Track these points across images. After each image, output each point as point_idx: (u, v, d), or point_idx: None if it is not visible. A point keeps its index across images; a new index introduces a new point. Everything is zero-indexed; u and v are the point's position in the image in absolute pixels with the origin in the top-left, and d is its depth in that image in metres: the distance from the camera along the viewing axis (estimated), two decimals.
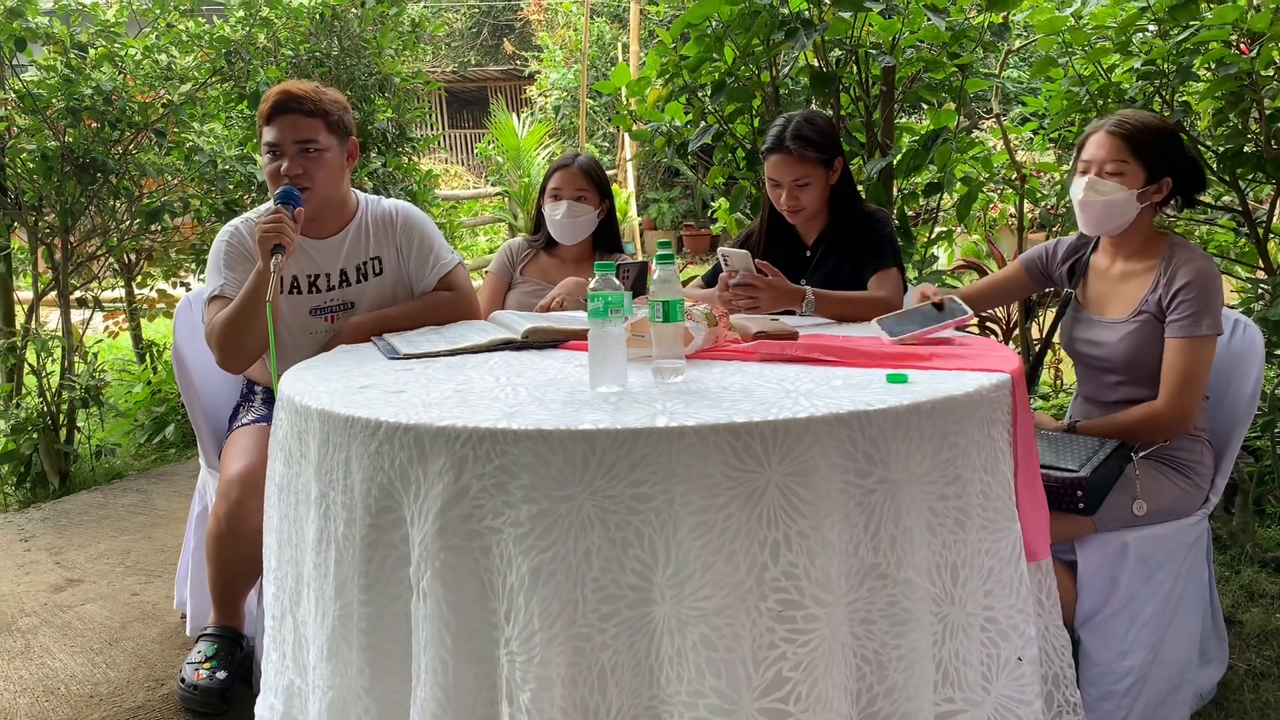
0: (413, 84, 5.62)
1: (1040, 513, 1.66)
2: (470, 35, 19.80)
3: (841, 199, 2.67)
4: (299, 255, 2.43)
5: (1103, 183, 2.15)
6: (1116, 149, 2.14)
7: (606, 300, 1.58)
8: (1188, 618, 2.11)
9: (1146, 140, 2.13)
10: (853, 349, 1.86)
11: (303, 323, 2.44)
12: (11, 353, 4.10)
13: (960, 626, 1.48)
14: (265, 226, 2.18)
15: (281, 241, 2.17)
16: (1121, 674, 2.03)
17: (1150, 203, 2.17)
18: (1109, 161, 2.14)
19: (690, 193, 13.17)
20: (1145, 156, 2.13)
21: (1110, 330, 2.22)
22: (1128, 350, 2.18)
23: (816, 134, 2.58)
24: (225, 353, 2.29)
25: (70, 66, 3.89)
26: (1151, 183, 2.14)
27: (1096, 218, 2.18)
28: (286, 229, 2.19)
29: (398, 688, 1.49)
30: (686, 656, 1.32)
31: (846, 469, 1.38)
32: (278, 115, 2.34)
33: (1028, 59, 10.05)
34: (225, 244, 2.40)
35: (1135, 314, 2.17)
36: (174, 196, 4.39)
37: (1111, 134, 2.15)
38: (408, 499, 1.43)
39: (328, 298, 2.46)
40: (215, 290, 2.35)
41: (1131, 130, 2.13)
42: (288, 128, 2.33)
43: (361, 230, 2.50)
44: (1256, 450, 3.15)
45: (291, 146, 2.33)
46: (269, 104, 2.35)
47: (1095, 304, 2.31)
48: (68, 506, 3.92)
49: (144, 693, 2.43)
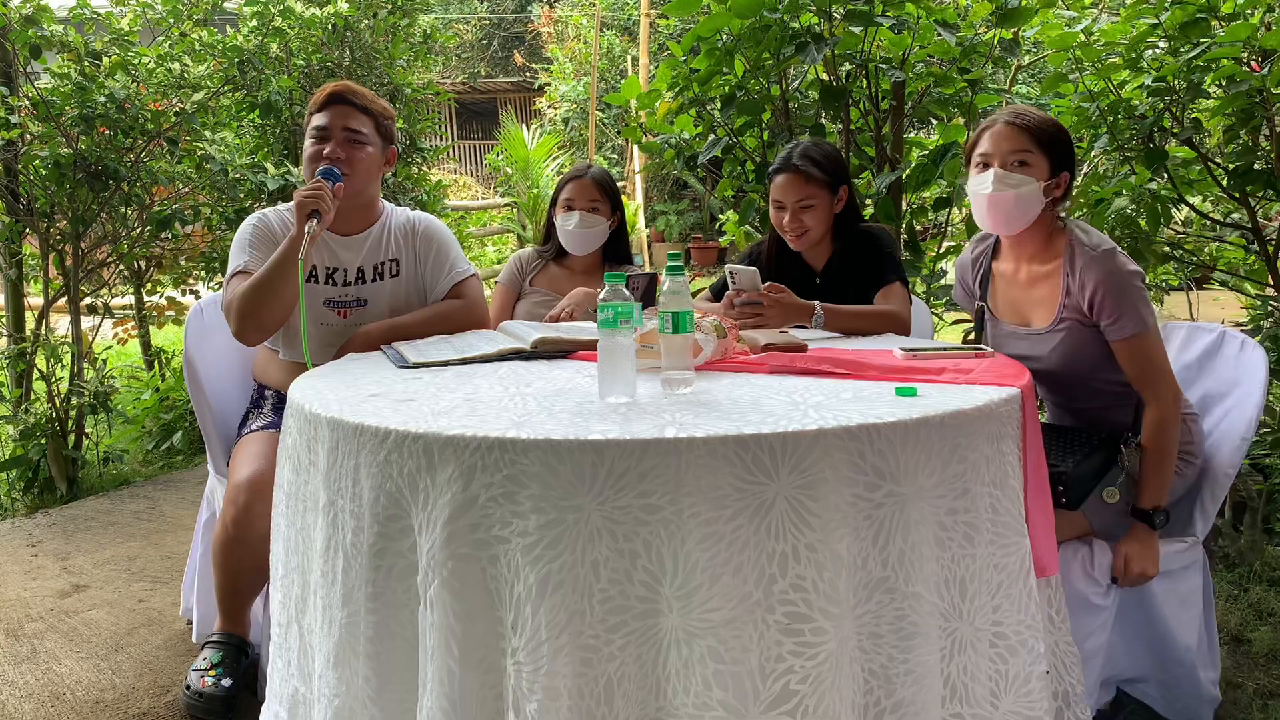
0: (423, 95, 5.65)
1: (1049, 528, 1.65)
2: (481, 47, 19.89)
3: (848, 227, 2.67)
4: (322, 247, 2.49)
5: (1011, 175, 2.07)
6: (1021, 140, 2.08)
7: (616, 311, 1.58)
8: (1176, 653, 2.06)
9: (1047, 133, 2.09)
10: (862, 362, 1.85)
11: (316, 312, 2.49)
12: (21, 358, 4.12)
13: (968, 641, 1.47)
14: (306, 191, 2.26)
15: (319, 208, 2.24)
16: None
17: (1051, 198, 2.11)
18: (1015, 153, 2.08)
19: (698, 205, 13.20)
20: (1047, 149, 2.08)
21: (1038, 342, 2.16)
22: (1062, 358, 2.12)
23: (824, 158, 2.60)
24: (243, 320, 2.31)
25: (84, 74, 3.91)
26: (1054, 176, 2.09)
27: (1006, 214, 2.10)
28: (325, 197, 2.26)
29: (404, 697, 1.49)
30: (694, 668, 1.32)
31: (855, 482, 1.38)
32: (332, 104, 2.43)
33: (1038, 74, 10.07)
34: (252, 228, 2.46)
35: (1058, 322, 2.11)
36: (185, 204, 4.42)
37: (1012, 125, 2.09)
38: (416, 508, 1.43)
39: (343, 292, 2.50)
40: (239, 267, 2.40)
41: (1033, 122, 2.09)
42: (339, 115, 2.43)
43: (385, 233, 2.57)
44: (1265, 468, 3.14)
45: (340, 133, 2.42)
46: (325, 94, 2.45)
47: (1013, 313, 2.25)
48: (75, 512, 3.93)
49: (149, 699, 2.43)
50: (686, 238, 12.92)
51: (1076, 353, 2.10)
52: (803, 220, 2.59)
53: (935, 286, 3.64)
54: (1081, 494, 1.99)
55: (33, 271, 4.39)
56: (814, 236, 2.63)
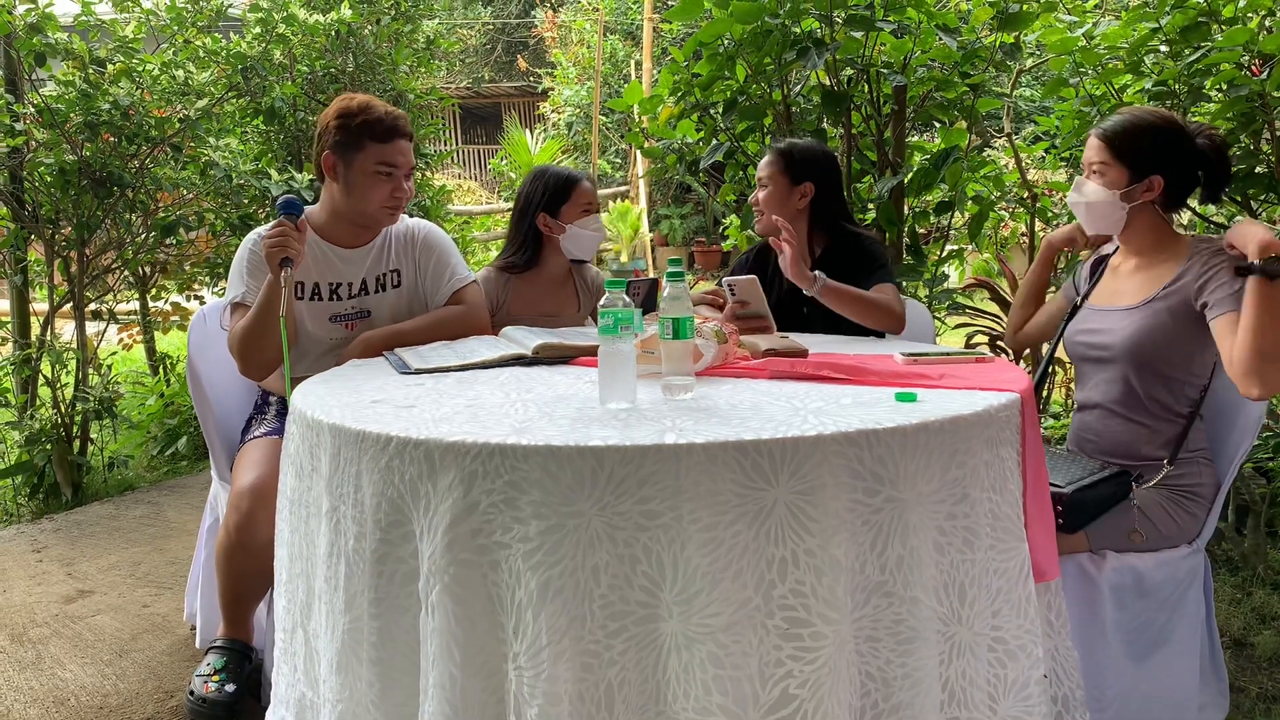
0: (427, 100, 5.66)
1: (1049, 533, 1.65)
2: (484, 52, 19.93)
3: (836, 226, 2.72)
4: (323, 263, 2.50)
5: (1085, 184, 2.18)
6: (1098, 150, 2.15)
7: (617, 317, 1.59)
8: (1178, 661, 2.04)
9: (1129, 139, 2.11)
10: (862, 367, 1.86)
11: (323, 329, 2.50)
12: (26, 364, 4.13)
13: (967, 646, 1.48)
14: (270, 241, 2.23)
15: (288, 255, 2.22)
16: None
17: (1141, 201, 2.12)
18: (1092, 164, 2.17)
19: (702, 209, 13.20)
20: (1127, 156, 2.11)
21: (1115, 317, 2.16)
22: (1131, 336, 2.10)
23: (796, 150, 2.69)
24: (246, 361, 2.36)
25: (88, 81, 3.93)
26: (1138, 180, 2.11)
27: (1084, 219, 2.22)
28: (291, 241, 2.24)
29: (406, 701, 1.50)
30: (693, 673, 1.33)
31: (854, 487, 1.38)
32: (396, 138, 2.45)
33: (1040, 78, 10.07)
34: (249, 251, 2.46)
35: (1148, 300, 2.11)
36: (189, 211, 4.43)
37: (1096, 136, 2.17)
38: (417, 514, 1.44)
39: (347, 305, 2.52)
40: (236, 297, 2.42)
41: (1114, 131, 2.13)
42: (403, 153, 2.47)
43: (386, 244, 2.59)
44: (1269, 471, 3.14)
45: (405, 169, 2.48)
46: (386, 125, 2.43)
47: (1105, 299, 2.26)
48: (80, 518, 3.94)
49: (153, 705, 2.44)
50: (690, 241, 12.93)
51: (1151, 330, 2.08)
52: (759, 197, 2.68)
53: (938, 290, 3.64)
54: (1081, 520, 1.97)
55: (38, 278, 4.41)
56: (765, 220, 2.68)
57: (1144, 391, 2.12)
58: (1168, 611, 2.05)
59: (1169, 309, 2.07)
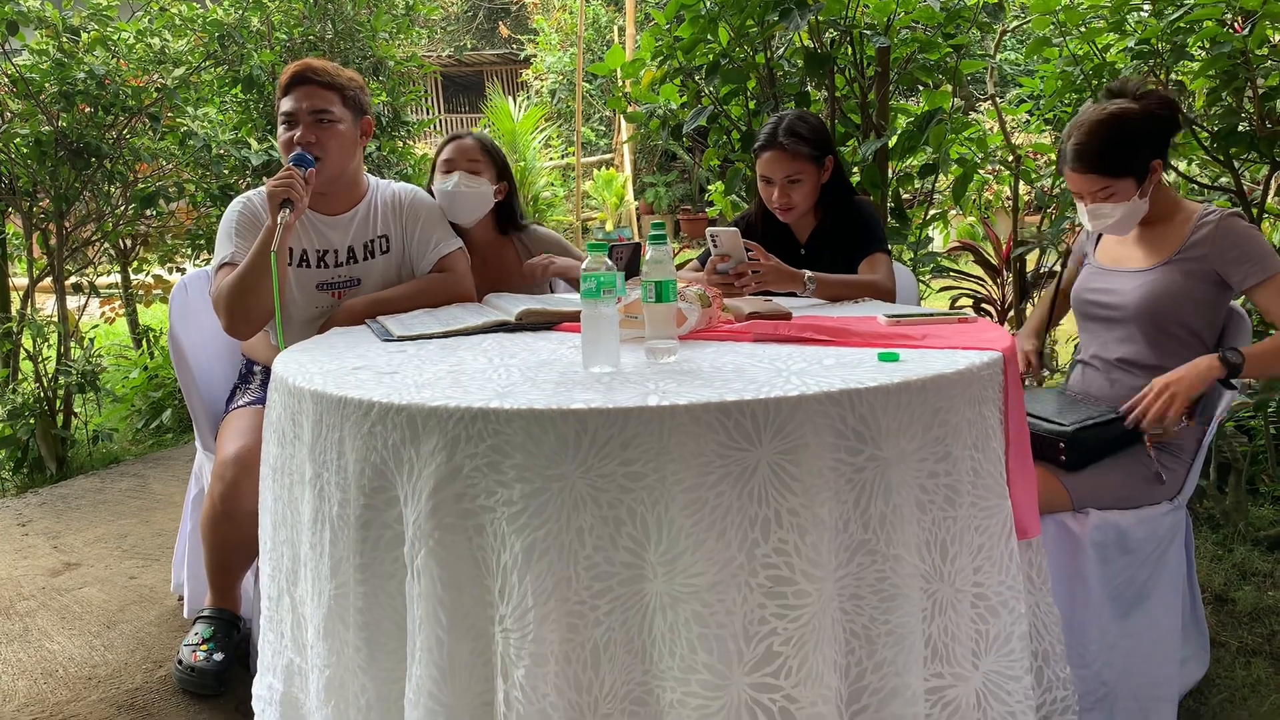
0: (407, 68, 5.60)
1: (1031, 491, 1.66)
2: (466, 19, 19.72)
3: (834, 197, 2.66)
4: (310, 230, 2.47)
5: (1102, 206, 2.13)
6: (1092, 182, 2.11)
7: (599, 281, 1.58)
8: (1160, 617, 2.06)
9: (1114, 153, 2.08)
10: (846, 329, 1.86)
11: (310, 297, 2.47)
12: (7, 338, 4.11)
13: (949, 602, 1.49)
14: (276, 181, 2.23)
15: (291, 196, 2.21)
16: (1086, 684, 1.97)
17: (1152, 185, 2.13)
18: (1093, 193, 2.12)
19: (687, 177, 13.16)
20: (1121, 168, 2.09)
21: (1128, 279, 2.18)
22: (1144, 298, 2.13)
23: (810, 131, 2.57)
24: (232, 316, 2.30)
25: (63, 50, 3.87)
26: (1142, 177, 2.11)
27: (1114, 230, 2.18)
28: (297, 185, 2.23)
29: (394, 665, 1.50)
30: (679, 633, 1.34)
31: (837, 447, 1.39)
32: (295, 86, 2.40)
33: (1024, 40, 10.01)
34: (237, 214, 2.43)
35: (1163, 262, 2.13)
36: (169, 181, 4.39)
37: (1077, 171, 2.12)
38: (401, 479, 1.44)
39: (335, 273, 2.49)
40: (225, 258, 2.37)
41: (1094, 158, 2.09)
42: (303, 98, 2.39)
43: (371, 209, 2.54)
44: (1250, 429, 3.16)
45: (306, 116, 2.38)
46: (287, 76, 2.41)
47: (1112, 260, 2.27)
48: (65, 491, 3.93)
49: (142, 675, 2.45)
50: (676, 209, 12.89)
51: (1165, 293, 2.12)
52: (790, 196, 2.58)
53: (922, 254, 3.64)
54: (1084, 458, 2.00)
55: (16, 251, 4.37)
56: (801, 209, 2.62)
57: (1152, 350, 2.16)
58: (1149, 568, 2.07)
59: (1184, 273, 2.11)
